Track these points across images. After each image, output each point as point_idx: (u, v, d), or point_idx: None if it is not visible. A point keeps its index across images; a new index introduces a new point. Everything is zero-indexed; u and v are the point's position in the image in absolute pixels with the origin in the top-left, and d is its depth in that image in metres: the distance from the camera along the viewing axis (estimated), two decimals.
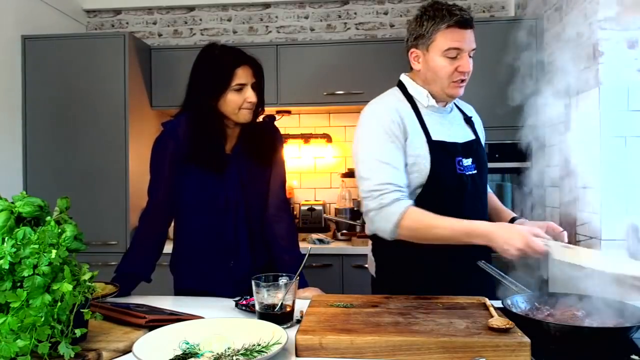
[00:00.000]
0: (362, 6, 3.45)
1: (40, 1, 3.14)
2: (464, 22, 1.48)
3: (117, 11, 3.62)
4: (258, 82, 1.64)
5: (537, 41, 2.69)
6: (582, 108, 2.24)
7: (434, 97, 1.57)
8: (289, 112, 3.33)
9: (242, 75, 1.58)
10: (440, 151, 1.51)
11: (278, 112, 3.31)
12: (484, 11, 3.35)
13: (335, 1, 3.46)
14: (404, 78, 1.62)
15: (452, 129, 1.58)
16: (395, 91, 1.61)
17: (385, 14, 3.44)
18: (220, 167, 1.62)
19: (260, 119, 1.75)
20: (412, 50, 1.56)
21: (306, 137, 3.37)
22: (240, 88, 1.58)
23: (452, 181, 1.51)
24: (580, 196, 2.28)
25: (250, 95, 1.59)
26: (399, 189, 1.45)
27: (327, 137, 3.36)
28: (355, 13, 3.46)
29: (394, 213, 1.42)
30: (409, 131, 1.50)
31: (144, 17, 3.61)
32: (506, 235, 1.31)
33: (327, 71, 3.07)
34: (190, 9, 3.56)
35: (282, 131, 3.35)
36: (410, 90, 1.59)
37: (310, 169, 3.47)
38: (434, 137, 1.52)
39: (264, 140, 1.71)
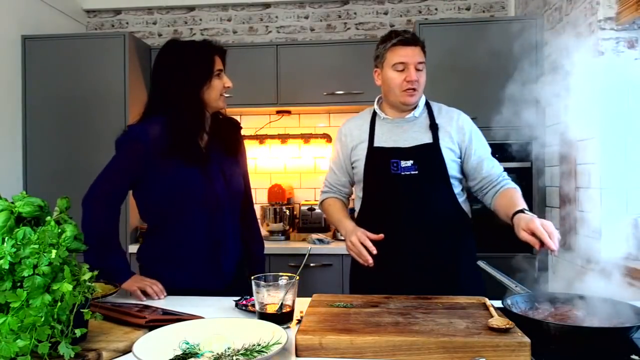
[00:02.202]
0: (362, 6, 3.45)
1: (40, 1, 3.15)
2: (405, 40, 1.75)
3: (117, 11, 3.62)
4: (224, 69, 1.73)
5: (537, 41, 2.69)
6: (581, 108, 2.24)
7: (394, 107, 1.82)
8: (289, 112, 3.33)
9: (218, 61, 1.67)
10: (376, 155, 1.78)
11: (278, 112, 3.31)
12: (484, 11, 3.35)
13: (335, 1, 3.46)
14: (380, 96, 1.90)
15: (403, 135, 1.80)
16: (370, 108, 1.90)
17: (385, 14, 3.44)
18: (203, 161, 1.65)
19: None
20: (375, 69, 1.85)
21: (306, 137, 3.37)
22: (219, 73, 1.67)
23: (384, 179, 1.76)
24: (580, 196, 2.28)
25: (226, 80, 1.69)
26: (330, 187, 1.94)
27: (327, 137, 3.36)
28: (355, 13, 3.46)
29: (319, 202, 1.98)
30: (355, 142, 1.84)
31: (144, 17, 3.61)
32: (354, 230, 1.66)
33: (327, 71, 3.07)
34: (190, 9, 3.56)
35: (282, 131, 3.39)
36: (375, 106, 1.87)
37: (310, 169, 3.47)
38: (376, 144, 1.80)
39: (233, 134, 1.78)
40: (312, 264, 2.79)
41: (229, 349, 1.00)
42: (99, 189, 1.61)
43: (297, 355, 1.04)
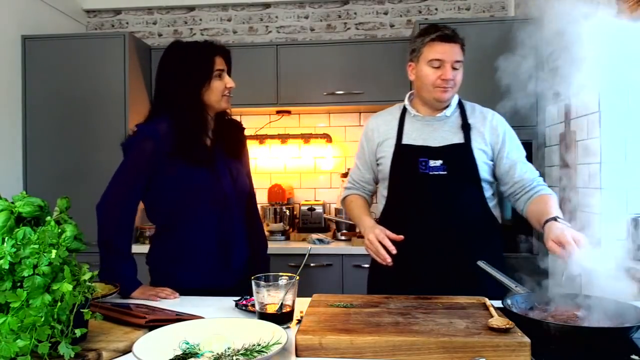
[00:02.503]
0: (362, 6, 3.45)
1: (40, 1, 3.14)
2: (444, 36, 1.68)
3: (117, 11, 3.62)
4: (229, 69, 1.72)
5: (537, 41, 2.69)
6: (582, 108, 2.24)
7: (426, 104, 1.77)
8: (289, 112, 3.33)
9: (219, 62, 1.66)
10: (404, 152, 1.74)
11: (278, 112, 3.31)
12: (484, 11, 3.35)
13: (335, 1, 3.46)
14: (411, 92, 1.85)
15: (433, 134, 1.75)
16: (400, 104, 1.85)
17: (385, 14, 3.44)
18: (210, 160, 1.65)
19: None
20: (409, 63, 1.79)
21: (306, 137, 3.37)
22: (220, 74, 1.66)
23: (411, 178, 1.71)
24: (580, 196, 2.28)
25: (228, 80, 1.68)
26: (353, 183, 1.91)
27: (327, 137, 3.36)
28: (355, 13, 3.46)
29: (341, 197, 1.95)
30: (382, 138, 1.80)
31: (144, 17, 3.61)
32: (372, 227, 1.62)
33: (327, 71, 3.07)
34: (190, 9, 3.56)
35: (282, 131, 3.39)
36: (406, 102, 1.83)
37: (310, 169, 3.47)
38: (404, 141, 1.75)
39: (236, 135, 1.79)
40: (312, 264, 2.79)
41: (229, 349, 1.00)
42: (113, 194, 1.60)
43: (297, 355, 1.04)
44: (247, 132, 1.90)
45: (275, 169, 3.47)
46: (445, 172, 1.67)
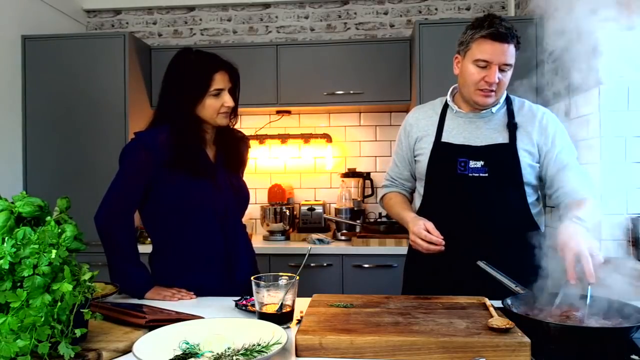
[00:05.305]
0: (362, 6, 3.45)
1: (40, 1, 3.14)
2: (497, 35, 1.53)
3: (117, 11, 3.62)
4: (234, 86, 1.67)
5: (537, 41, 2.69)
6: (582, 108, 2.24)
7: (467, 102, 1.67)
8: (289, 112, 3.34)
9: (220, 80, 1.61)
10: (442, 151, 1.65)
11: (278, 112, 3.31)
12: (484, 11, 3.35)
13: (335, 1, 3.46)
14: (454, 86, 1.74)
15: (476, 132, 1.65)
16: (443, 98, 1.76)
17: (385, 14, 3.44)
18: (211, 172, 1.64)
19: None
20: (456, 55, 1.67)
21: (306, 137, 3.37)
22: (218, 93, 1.61)
23: (449, 179, 1.63)
24: None
25: (227, 99, 1.63)
26: (391, 180, 1.85)
27: (327, 137, 3.36)
28: (355, 13, 3.46)
29: (379, 195, 1.91)
30: (422, 133, 1.72)
31: (144, 17, 3.61)
32: (412, 224, 1.58)
33: (327, 71, 3.07)
34: (190, 9, 3.56)
35: (282, 131, 3.39)
36: (448, 97, 1.73)
37: (310, 169, 3.47)
38: (443, 139, 1.67)
39: (239, 148, 1.77)
40: (312, 264, 2.79)
41: (229, 349, 1.00)
42: (112, 204, 1.59)
43: (297, 355, 1.04)
44: (247, 132, 1.90)
45: (275, 169, 3.47)
46: (486, 174, 1.58)
